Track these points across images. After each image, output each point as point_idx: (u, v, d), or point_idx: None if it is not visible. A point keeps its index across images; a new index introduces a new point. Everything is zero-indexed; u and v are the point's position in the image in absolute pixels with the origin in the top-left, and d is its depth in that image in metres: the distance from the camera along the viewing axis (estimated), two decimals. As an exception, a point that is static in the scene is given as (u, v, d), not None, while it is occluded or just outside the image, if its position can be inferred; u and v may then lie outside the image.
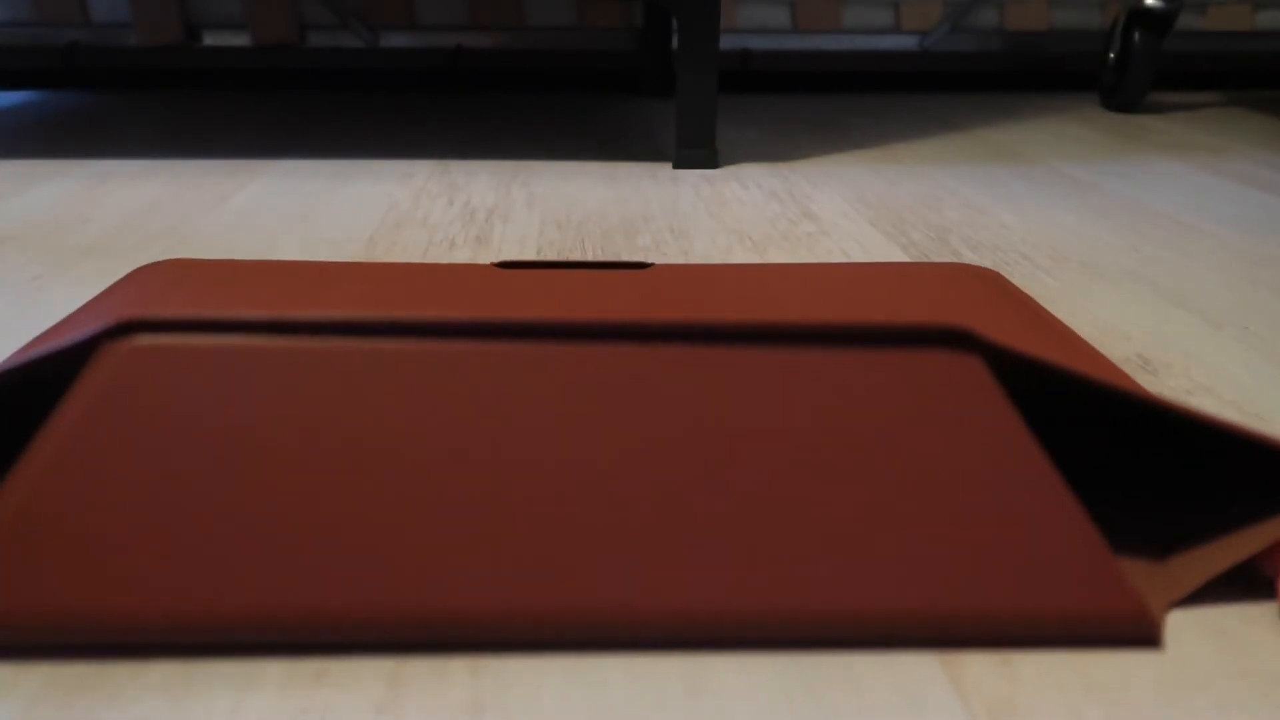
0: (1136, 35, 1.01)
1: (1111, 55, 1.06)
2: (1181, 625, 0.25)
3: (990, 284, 0.33)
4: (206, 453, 0.25)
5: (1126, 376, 0.30)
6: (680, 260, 0.53)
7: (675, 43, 1.15)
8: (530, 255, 0.53)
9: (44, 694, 0.22)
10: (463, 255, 0.54)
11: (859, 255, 0.54)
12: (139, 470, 0.24)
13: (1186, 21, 1.19)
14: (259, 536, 0.24)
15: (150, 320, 0.26)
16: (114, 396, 0.25)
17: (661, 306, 0.28)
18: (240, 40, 1.12)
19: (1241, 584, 0.27)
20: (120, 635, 0.23)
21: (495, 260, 0.34)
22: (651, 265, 0.34)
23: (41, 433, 0.25)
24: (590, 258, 0.41)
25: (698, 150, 0.77)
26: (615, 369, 0.26)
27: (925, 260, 0.43)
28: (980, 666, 0.24)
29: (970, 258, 0.53)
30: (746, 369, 0.27)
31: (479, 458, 0.25)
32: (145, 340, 0.26)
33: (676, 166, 0.77)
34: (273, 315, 0.26)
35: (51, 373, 0.26)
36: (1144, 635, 0.24)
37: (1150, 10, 1.00)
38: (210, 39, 1.12)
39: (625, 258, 0.49)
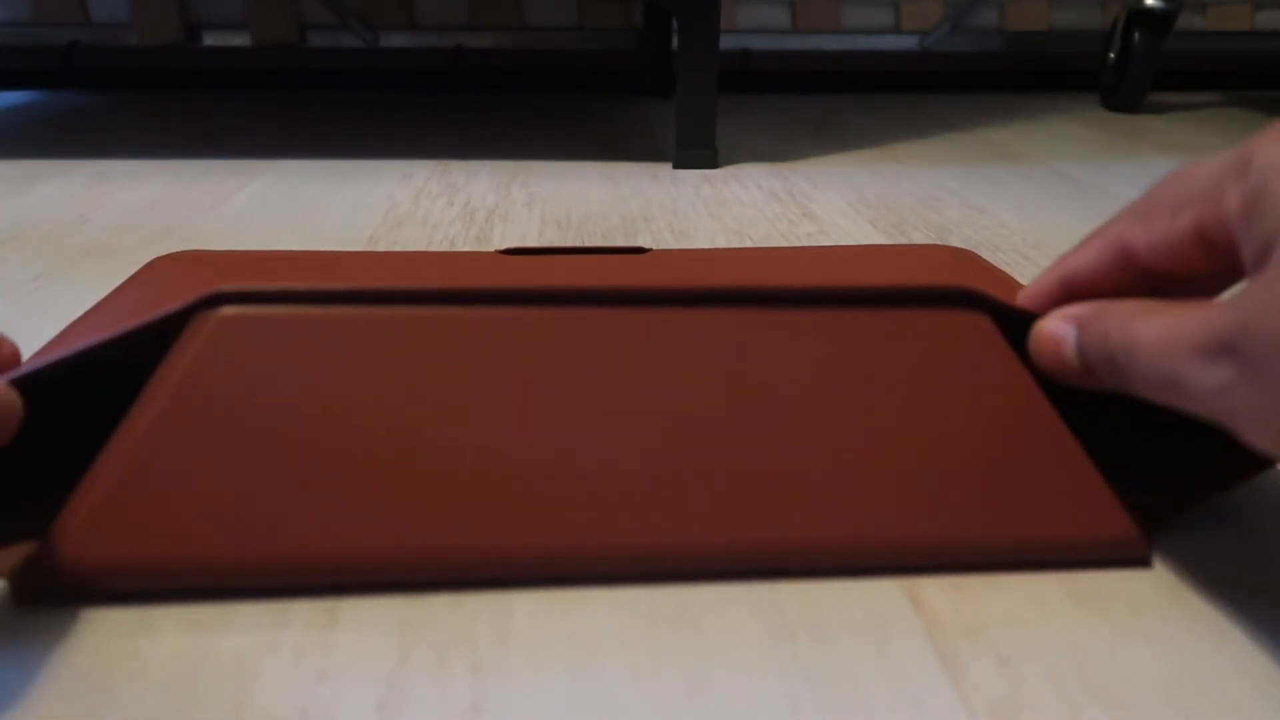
0: (1136, 35, 1.01)
1: (1111, 55, 1.06)
2: (1182, 626, 0.25)
3: (967, 260, 0.35)
4: (290, 412, 0.27)
5: None
6: (680, 260, 0.53)
7: (675, 43, 1.15)
8: (530, 255, 0.53)
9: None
10: (463, 255, 0.54)
11: (859, 255, 0.54)
12: (230, 431, 0.27)
13: (1186, 21, 1.19)
14: (336, 487, 0.27)
15: (236, 292, 0.28)
16: (205, 364, 0.28)
17: (678, 279, 0.31)
18: (240, 40, 1.12)
19: (1242, 584, 0.27)
20: (209, 582, 0.26)
21: (498, 249, 0.34)
22: (650, 250, 0.35)
23: (140, 400, 0.27)
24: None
25: (698, 150, 0.77)
26: (640, 331, 0.29)
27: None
28: (980, 667, 0.24)
29: (970, 258, 0.53)
30: (767, 329, 0.29)
31: (531, 411, 0.28)
32: (232, 311, 0.28)
33: (677, 166, 0.77)
34: (349, 286, 0.29)
35: (134, 346, 0.28)
36: (1136, 555, 0.28)
37: (1150, 10, 1.00)
38: (210, 39, 1.12)
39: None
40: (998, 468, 0.28)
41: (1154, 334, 0.23)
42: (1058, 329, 0.27)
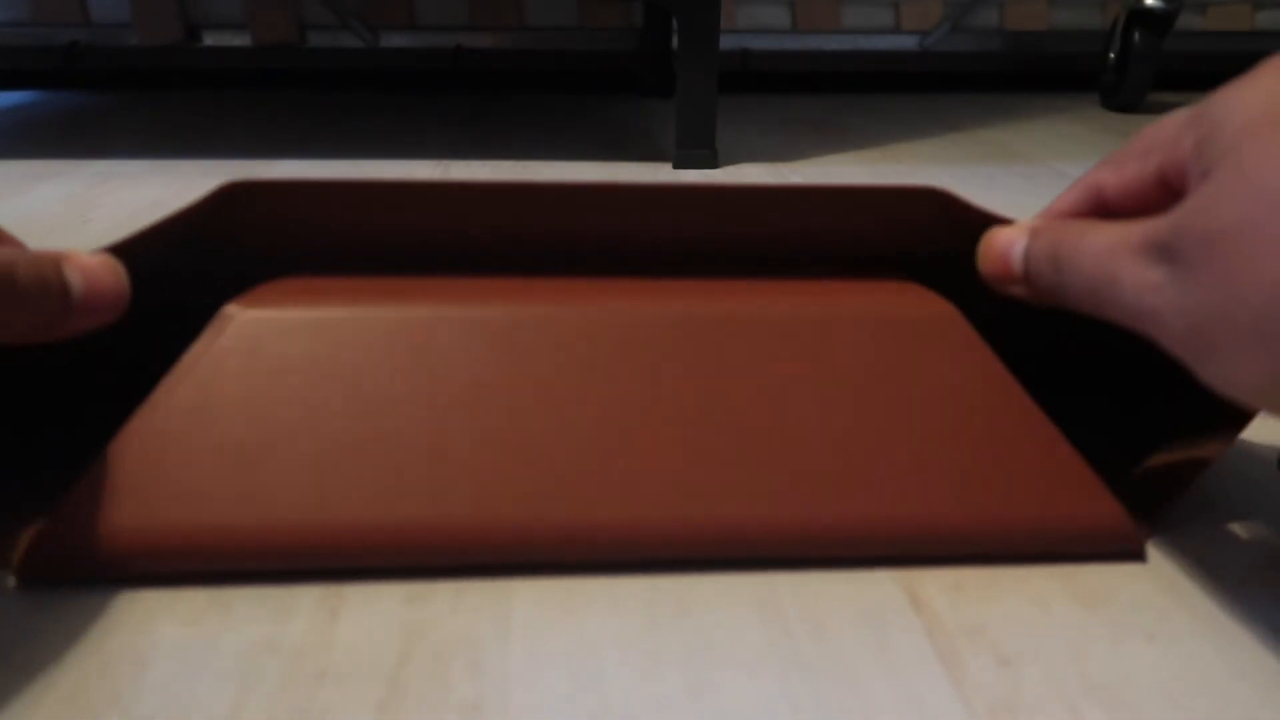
0: (1136, 35, 1.01)
1: (1111, 55, 1.06)
2: (1183, 625, 0.25)
3: (947, 209, 0.34)
4: (305, 402, 0.28)
5: None
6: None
7: (675, 43, 1.15)
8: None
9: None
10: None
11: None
12: (241, 419, 0.28)
13: (1186, 21, 1.19)
14: (343, 473, 0.27)
15: (254, 183, 0.30)
16: (222, 359, 0.28)
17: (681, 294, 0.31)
18: (240, 40, 1.12)
19: (1242, 583, 0.27)
20: (214, 564, 0.26)
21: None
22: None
23: (161, 385, 0.28)
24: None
25: (698, 150, 0.77)
26: (633, 324, 0.30)
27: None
28: (980, 667, 0.24)
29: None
30: (751, 320, 0.30)
31: (535, 401, 0.29)
32: (253, 314, 0.29)
33: (676, 167, 0.77)
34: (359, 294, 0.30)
35: (162, 243, 0.29)
36: (1131, 548, 0.28)
37: (1150, 10, 1.00)
38: (210, 39, 1.12)
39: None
40: (980, 455, 0.28)
41: (1101, 239, 0.24)
42: (1009, 233, 0.28)
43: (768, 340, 0.30)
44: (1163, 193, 0.25)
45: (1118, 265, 0.23)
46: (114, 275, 0.26)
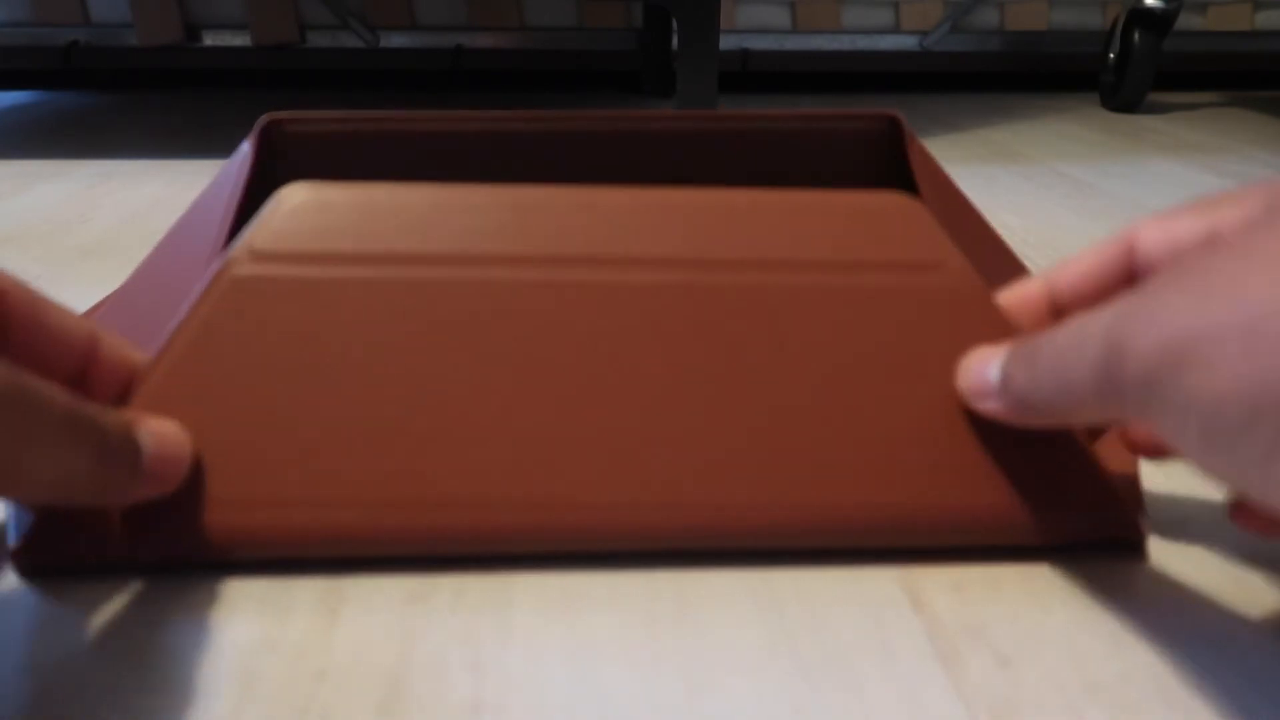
0: (1136, 35, 1.01)
1: (1111, 55, 1.06)
2: (1182, 626, 0.25)
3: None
4: (301, 372, 0.27)
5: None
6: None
7: (675, 43, 1.15)
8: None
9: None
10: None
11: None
12: (238, 392, 0.27)
13: (1186, 21, 1.19)
14: (342, 455, 0.27)
15: (285, 118, 0.32)
16: (218, 323, 0.27)
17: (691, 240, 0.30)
18: (240, 40, 1.12)
19: (1242, 584, 0.27)
20: (227, 553, 0.26)
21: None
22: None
23: (154, 362, 0.27)
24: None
25: (698, 150, 0.77)
26: (637, 297, 0.29)
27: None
28: (980, 667, 0.24)
29: (970, 258, 0.53)
30: (756, 298, 0.29)
31: (533, 375, 0.28)
32: (245, 271, 0.28)
33: (676, 166, 0.77)
34: (368, 248, 0.29)
35: None
36: (1132, 539, 0.28)
37: (1150, 10, 1.00)
38: (210, 39, 1.12)
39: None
40: (982, 443, 0.28)
41: (1074, 320, 0.23)
42: (986, 351, 0.27)
43: (773, 315, 0.29)
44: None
45: (1089, 320, 0.22)
46: (183, 444, 0.25)
